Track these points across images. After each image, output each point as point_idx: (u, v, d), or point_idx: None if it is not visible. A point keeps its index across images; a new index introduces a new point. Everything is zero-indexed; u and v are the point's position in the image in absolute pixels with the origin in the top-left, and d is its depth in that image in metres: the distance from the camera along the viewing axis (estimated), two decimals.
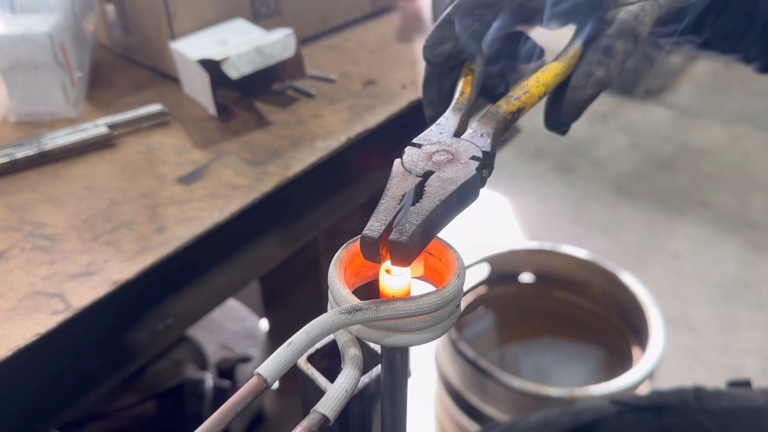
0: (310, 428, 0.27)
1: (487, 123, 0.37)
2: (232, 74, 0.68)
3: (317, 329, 0.29)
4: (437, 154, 0.35)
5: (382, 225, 0.31)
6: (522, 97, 0.38)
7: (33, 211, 0.61)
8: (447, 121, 0.38)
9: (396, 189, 0.33)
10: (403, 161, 0.35)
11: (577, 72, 0.40)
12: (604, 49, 0.39)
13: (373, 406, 0.40)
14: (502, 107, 0.38)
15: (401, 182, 0.34)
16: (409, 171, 0.34)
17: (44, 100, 0.73)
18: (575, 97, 0.40)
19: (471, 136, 0.36)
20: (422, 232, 0.31)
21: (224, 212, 0.60)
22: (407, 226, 0.30)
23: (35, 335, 0.49)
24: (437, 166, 0.34)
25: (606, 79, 0.40)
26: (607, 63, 0.39)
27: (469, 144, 0.36)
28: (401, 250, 0.30)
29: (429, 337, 0.32)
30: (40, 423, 0.56)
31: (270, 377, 0.28)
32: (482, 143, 0.36)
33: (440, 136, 0.37)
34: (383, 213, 0.32)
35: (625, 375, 1.11)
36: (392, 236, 0.30)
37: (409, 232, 0.30)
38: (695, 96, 2.65)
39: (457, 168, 0.34)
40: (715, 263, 1.86)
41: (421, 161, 0.35)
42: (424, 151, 0.36)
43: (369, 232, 0.31)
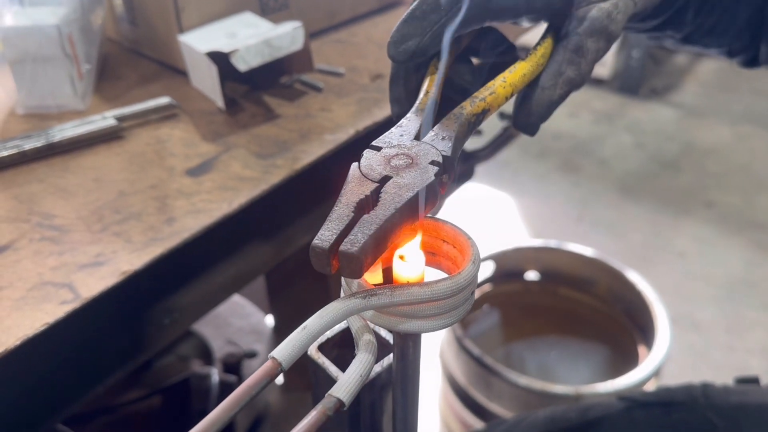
0: (326, 412, 0.27)
1: (450, 125, 0.35)
2: (240, 67, 0.68)
3: (332, 314, 0.29)
4: (396, 158, 0.33)
5: (333, 234, 0.29)
6: (487, 98, 0.37)
7: (41, 203, 0.61)
8: (409, 123, 0.36)
9: (350, 195, 0.32)
10: (360, 165, 0.33)
11: (547, 71, 0.39)
12: (575, 47, 0.38)
13: (385, 395, 0.40)
14: (465, 109, 0.36)
15: (356, 188, 0.32)
16: (366, 176, 0.33)
17: (52, 93, 0.73)
18: (544, 97, 0.38)
19: (432, 139, 0.35)
20: (375, 243, 0.29)
21: (233, 204, 0.60)
22: (359, 236, 0.29)
23: (44, 325, 0.49)
24: (395, 170, 0.33)
25: (576, 78, 0.38)
26: (578, 62, 0.38)
27: (429, 147, 0.34)
28: (352, 262, 0.29)
29: (443, 324, 0.32)
30: (47, 414, 0.56)
31: (284, 361, 0.28)
32: (443, 147, 0.34)
33: (401, 138, 0.35)
34: (335, 221, 0.30)
35: (631, 373, 1.10)
36: (342, 247, 0.29)
37: (360, 242, 0.29)
38: (701, 95, 2.65)
39: (415, 174, 0.32)
40: (721, 263, 1.85)
41: (379, 166, 0.33)
42: (383, 155, 0.34)
43: (319, 242, 0.29)
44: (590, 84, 2.64)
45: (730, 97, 2.63)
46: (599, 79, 2.63)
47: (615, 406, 0.70)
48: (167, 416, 0.98)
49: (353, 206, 0.31)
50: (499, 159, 2.21)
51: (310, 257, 0.30)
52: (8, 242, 0.56)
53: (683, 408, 0.68)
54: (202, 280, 0.66)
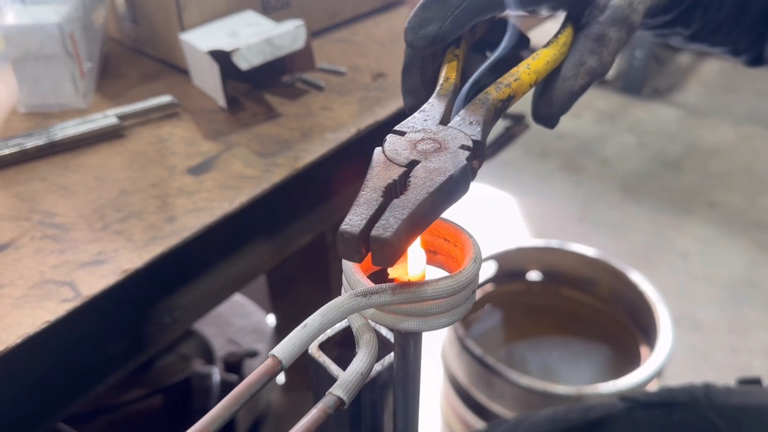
0: (326, 410, 0.27)
1: (476, 110, 0.34)
2: (242, 65, 0.68)
3: (332, 312, 0.29)
4: (422, 143, 0.32)
5: (362, 219, 0.28)
6: (512, 84, 0.36)
7: (43, 201, 0.61)
8: (432, 108, 0.35)
9: (377, 180, 0.30)
10: (384, 150, 0.32)
11: (568, 61, 0.38)
12: (597, 36, 0.38)
13: (385, 395, 0.40)
14: (491, 94, 0.35)
15: (383, 172, 0.30)
16: (392, 160, 0.31)
17: (54, 91, 0.73)
18: (566, 88, 0.38)
19: (459, 123, 0.34)
20: (408, 228, 0.28)
21: (234, 203, 0.60)
22: (391, 220, 0.27)
23: (45, 323, 0.49)
24: (423, 155, 0.31)
25: (598, 68, 0.38)
26: (599, 52, 0.38)
27: (457, 132, 0.33)
28: (384, 248, 0.27)
29: (444, 322, 0.32)
30: (48, 412, 0.56)
31: (285, 359, 0.27)
32: (471, 131, 0.33)
33: (425, 123, 0.34)
34: (364, 206, 0.28)
35: (633, 373, 1.10)
36: (374, 232, 0.27)
37: (393, 227, 0.27)
38: (703, 95, 2.64)
39: (446, 157, 0.31)
40: (723, 263, 1.85)
41: (405, 150, 0.32)
42: (408, 140, 0.32)
43: (347, 228, 0.27)
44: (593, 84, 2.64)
45: (733, 98, 2.62)
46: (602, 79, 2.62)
47: (616, 407, 0.70)
48: (168, 415, 0.98)
49: (381, 191, 0.29)
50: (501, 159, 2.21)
51: (337, 244, 0.28)
52: (9, 240, 0.56)
53: (685, 408, 0.67)
54: (203, 279, 0.66)
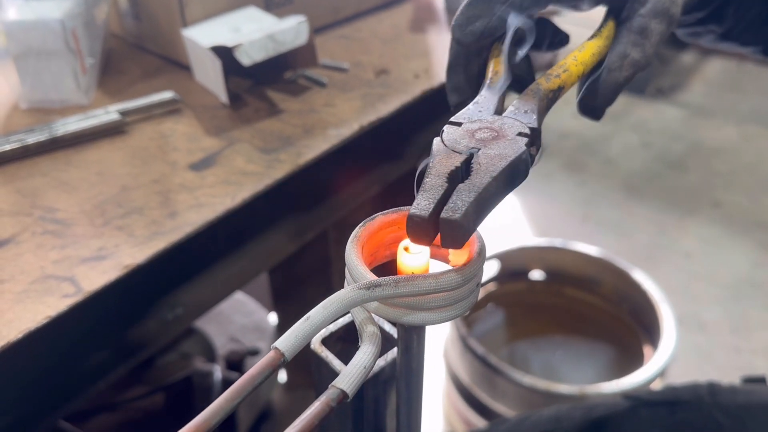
0: (329, 403, 0.26)
1: (529, 100, 0.35)
2: (244, 61, 0.68)
3: (335, 304, 0.28)
4: (480, 132, 0.33)
5: (431, 203, 0.29)
6: (562, 75, 0.37)
7: (44, 196, 0.60)
8: (485, 100, 0.36)
9: (441, 167, 0.31)
10: (443, 139, 0.33)
11: (613, 53, 0.39)
12: (639, 29, 0.38)
13: (388, 390, 0.40)
14: (542, 84, 0.36)
15: (445, 160, 0.31)
16: (452, 149, 0.32)
17: (55, 87, 0.73)
18: (611, 79, 0.38)
19: (513, 113, 0.35)
20: (476, 210, 0.29)
21: (236, 198, 0.59)
22: (459, 203, 0.28)
23: (46, 318, 0.48)
24: (482, 143, 0.32)
25: (642, 60, 0.38)
26: (642, 44, 0.38)
27: (513, 121, 0.34)
28: (455, 229, 0.28)
29: (448, 316, 0.31)
30: (49, 409, 0.56)
31: (287, 352, 0.27)
32: (527, 120, 0.34)
33: (480, 114, 0.35)
34: (430, 191, 0.29)
35: (636, 373, 1.10)
36: (444, 214, 0.28)
37: (462, 209, 0.28)
38: (707, 95, 2.63)
39: (505, 144, 0.32)
40: (727, 263, 1.84)
41: (464, 139, 0.33)
42: (465, 129, 0.34)
43: (417, 211, 0.28)
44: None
45: (737, 97, 2.61)
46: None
47: (620, 405, 0.69)
48: (170, 413, 0.98)
49: (445, 177, 0.30)
50: None
51: (407, 228, 0.29)
52: (11, 235, 0.56)
53: (689, 407, 0.67)
54: (205, 276, 0.65)
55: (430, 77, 0.78)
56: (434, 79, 0.77)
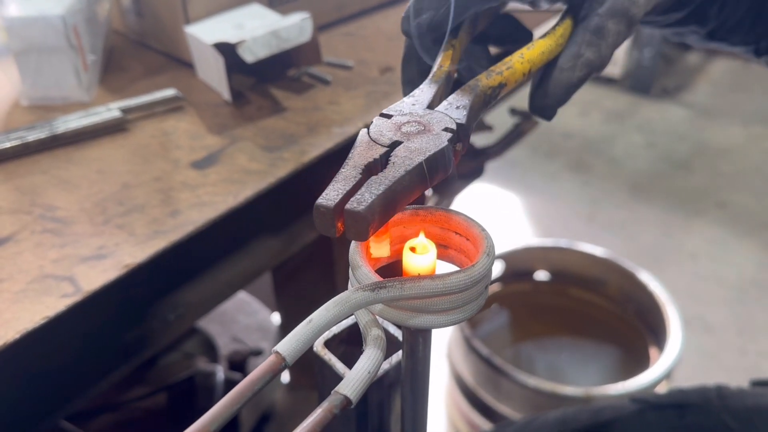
0: (332, 410, 0.25)
1: (465, 96, 0.35)
2: (247, 58, 0.67)
3: (339, 307, 0.28)
4: (407, 125, 0.33)
5: (338, 194, 0.29)
6: (504, 72, 0.36)
7: (44, 194, 0.60)
8: (422, 93, 0.35)
9: (359, 158, 0.31)
10: (369, 131, 0.33)
11: (566, 52, 0.37)
12: (595, 29, 0.37)
13: (393, 394, 0.39)
14: (481, 81, 0.35)
15: (365, 151, 0.31)
16: (375, 141, 0.32)
17: (57, 84, 0.72)
18: (563, 79, 0.37)
19: (446, 108, 0.34)
20: (382, 203, 0.28)
21: (239, 197, 0.59)
22: (366, 195, 0.28)
23: (44, 318, 0.47)
24: (406, 136, 0.32)
25: (596, 61, 0.37)
26: (597, 44, 0.37)
27: (442, 116, 0.33)
28: (357, 221, 0.28)
29: (456, 319, 0.30)
30: (49, 409, 0.55)
31: (289, 356, 0.26)
32: (457, 115, 0.33)
33: (413, 107, 0.34)
34: (342, 182, 0.29)
35: (642, 375, 1.08)
36: (348, 205, 0.28)
37: (367, 201, 0.28)
38: (712, 95, 2.62)
39: (428, 138, 0.32)
40: (733, 264, 1.83)
41: (389, 131, 0.32)
42: (393, 122, 0.33)
43: (323, 201, 0.28)
44: (601, 83, 2.62)
45: (743, 97, 2.60)
46: (610, 78, 2.60)
47: (627, 408, 0.69)
48: (172, 414, 0.97)
49: (361, 168, 0.30)
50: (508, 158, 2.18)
51: (314, 218, 0.29)
52: (9, 234, 0.55)
53: (697, 410, 0.66)
54: (208, 275, 0.64)
55: None
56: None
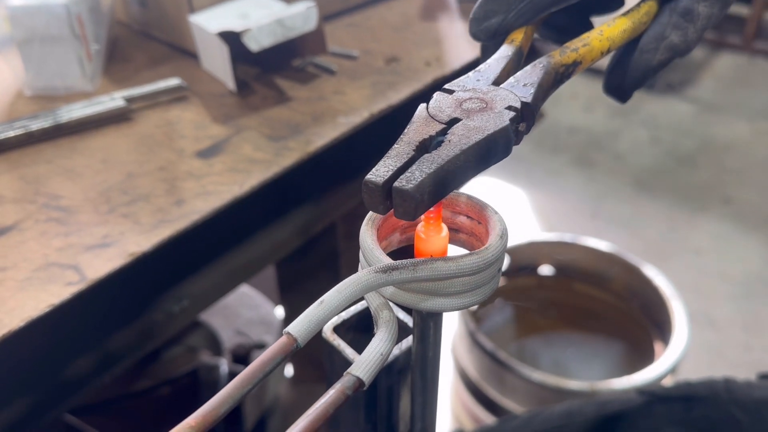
0: (344, 391, 0.25)
1: (534, 73, 0.33)
2: (252, 46, 0.66)
3: (351, 288, 0.27)
4: (469, 102, 0.31)
5: (389, 170, 0.27)
6: (580, 49, 0.34)
7: (48, 183, 0.59)
8: (488, 69, 0.34)
9: (414, 134, 0.29)
10: (428, 106, 0.31)
11: (649, 33, 0.36)
12: (684, 11, 0.35)
13: (402, 380, 0.38)
14: (554, 57, 0.33)
15: (421, 128, 0.30)
16: (433, 117, 0.30)
17: (60, 74, 0.71)
18: (642, 61, 0.36)
19: (512, 85, 0.32)
20: (434, 183, 0.27)
21: (244, 186, 0.58)
22: (417, 173, 0.27)
23: (49, 306, 0.47)
24: (466, 113, 0.30)
25: (681, 45, 0.35)
26: (685, 28, 0.35)
27: (507, 93, 0.31)
28: (406, 200, 0.26)
29: (469, 302, 0.30)
30: (52, 401, 0.55)
31: (300, 337, 0.26)
32: (523, 93, 0.31)
33: (477, 83, 0.33)
34: (394, 158, 0.28)
35: (647, 369, 1.08)
36: (397, 183, 0.26)
37: (417, 180, 0.26)
38: (717, 90, 2.61)
39: (489, 117, 0.30)
40: (738, 260, 1.82)
41: (449, 108, 0.31)
42: (455, 98, 0.31)
43: (373, 177, 0.27)
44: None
45: (748, 92, 2.58)
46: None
47: (634, 401, 0.68)
48: (175, 407, 0.97)
49: (415, 145, 0.28)
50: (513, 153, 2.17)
51: (363, 194, 0.27)
52: (14, 222, 0.55)
53: (705, 403, 0.66)
54: (212, 267, 0.64)
55: (441, 65, 0.76)
56: (446, 67, 0.75)
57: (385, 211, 0.27)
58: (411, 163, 0.28)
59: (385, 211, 0.27)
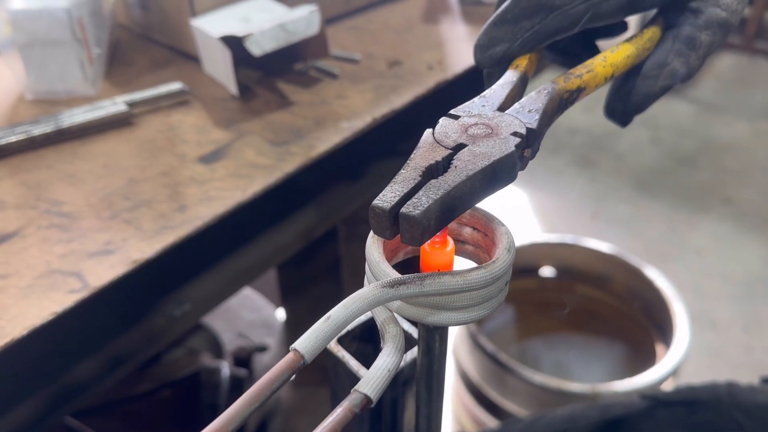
0: (352, 409, 0.25)
1: (539, 99, 0.33)
2: (254, 51, 0.66)
3: (357, 303, 0.27)
4: (474, 127, 0.31)
5: (396, 196, 0.27)
6: (584, 76, 0.34)
7: (50, 189, 0.59)
8: (493, 94, 0.34)
9: (420, 160, 0.29)
10: (434, 131, 0.32)
11: (651, 59, 0.36)
12: (687, 39, 0.35)
13: (407, 392, 0.38)
14: (558, 84, 0.34)
15: (427, 153, 0.30)
16: (439, 142, 0.31)
17: (62, 78, 0.71)
18: (644, 88, 0.36)
19: (517, 111, 0.33)
20: (440, 209, 0.27)
21: (247, 192, 0.58)
22: (423, 199, 0.27)
23: (52, 314, 0.47)
24: (472, 139, 0.31)
25: (683, 72, 0.35)
26: (687, 55, 0.35)
27: (512, 119, 0.32)
28: (413, 226, 0.26)
29: (476, 316, 0.30)
30: (55, 406, 0.55)
31: (307, 353, 0.25)
32: (528, 119, 0.32)
33: (482, 108, 0.33)
34: (400, 183, 0.28)
35: (649, 371, 1.08)
36: (404, 209, 0.27)
37: (424, 206, 0.27)
38: (718, 90, 2.60)
39: (494, 143, 0.30)
40: (739, 261, 1.82)
41: (455, 133, 0.31)
42: (460, 123, 0.32)
43: (380, 203, 0.27)
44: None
45: (749, 93, 2.58)
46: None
47: (637, 405, 0.68)
48: (177, 410, 0.97)
49: (422, 170, 0.29)
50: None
51: (369, 219, 0.28)
52: (16, 229, 0.54)
53: (708, 407, 0.66)
54: (213, 271, 0.64)
55: (444, 69, 0.76)
56: (448, 70, 0.75)
57: (392, 236, 0.28)
58: (417, 189, 0.28)
59: (392, 236, 0.28)
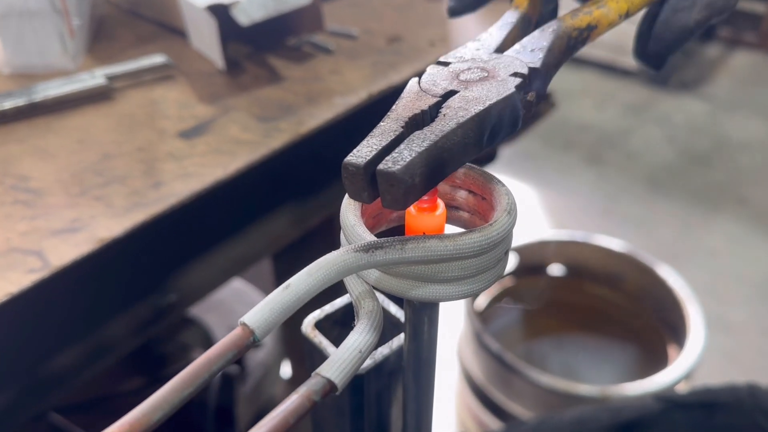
0: (310, 396, 0.20)
1: (543, 37, 0.28)
2: (242, 20, 0.62)
3: (324, 270, 0.22)
4: (467, 72, 0.27)
5: (372, 150, 0.23)
6: (594, 12, 0.29)
7: (18, 164, 0.55)
8: (489, 37, 0.29)
9: (403, 110, 0.25)
10: (420, 80, 0.27)
11: None
12: None
13: (394, 383, 0.33)
14: (565, 21, 0.29)
15: (412, 102, 0.25)
16: (426, 91, 0.26)
17: (40, 51, 0.67)
18: (677, 21, 0.31)
19: (517, 51, 0.28)
20: (426, 163, 0.22)
21: (228, 168, 0.53)
22: (405, 153, 0.22)
23: (6, 295, 0.43)
24: (464, 85, 0.26)
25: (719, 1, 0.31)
26: None
27: (512, 59, 0.27)
28: (393, 185, 0.22)
29: (469, 291, 0.25)
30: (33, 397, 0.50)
31: (258, 329, 0.21)
32: (531, 58, 0.27)
33: (476, 52, 0.28)
34: (378, 137, 0.24)
35: (661, 373, 1.03)
36: (382, 165, 0.22)
37: (405, 160, 0.22)
38: (732, 88, 2.54)
39: (490, 86, 0.25)
40: (754, 262, 1.76)
41: (444, 80, 0.26)
42: (451, 70, 0.27)
43: (352, 158, 0.22)
44: (618, 75, 2.55)
45: (764, 91, 2.52)
46: (627, 70, 2.53)
47: (651, 407, 0.64)
48: None
49: (404, 121, 0.24)
50: (522, 150, 2.13)
51: (343, 179, 0.23)
52: None
53: (728, 410, 0.62)
54: (202, 259, 0.60)
55: (447, 45, 0.71)
56: (451, 47, 0.71)
57: (371, 200, 0.23)
58: (399, 142, 0.23)
59: (371, 200, 0.23)
